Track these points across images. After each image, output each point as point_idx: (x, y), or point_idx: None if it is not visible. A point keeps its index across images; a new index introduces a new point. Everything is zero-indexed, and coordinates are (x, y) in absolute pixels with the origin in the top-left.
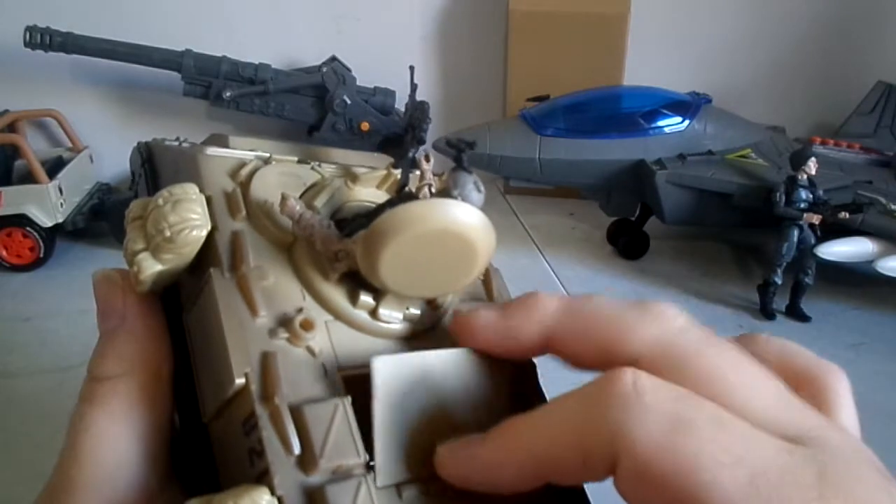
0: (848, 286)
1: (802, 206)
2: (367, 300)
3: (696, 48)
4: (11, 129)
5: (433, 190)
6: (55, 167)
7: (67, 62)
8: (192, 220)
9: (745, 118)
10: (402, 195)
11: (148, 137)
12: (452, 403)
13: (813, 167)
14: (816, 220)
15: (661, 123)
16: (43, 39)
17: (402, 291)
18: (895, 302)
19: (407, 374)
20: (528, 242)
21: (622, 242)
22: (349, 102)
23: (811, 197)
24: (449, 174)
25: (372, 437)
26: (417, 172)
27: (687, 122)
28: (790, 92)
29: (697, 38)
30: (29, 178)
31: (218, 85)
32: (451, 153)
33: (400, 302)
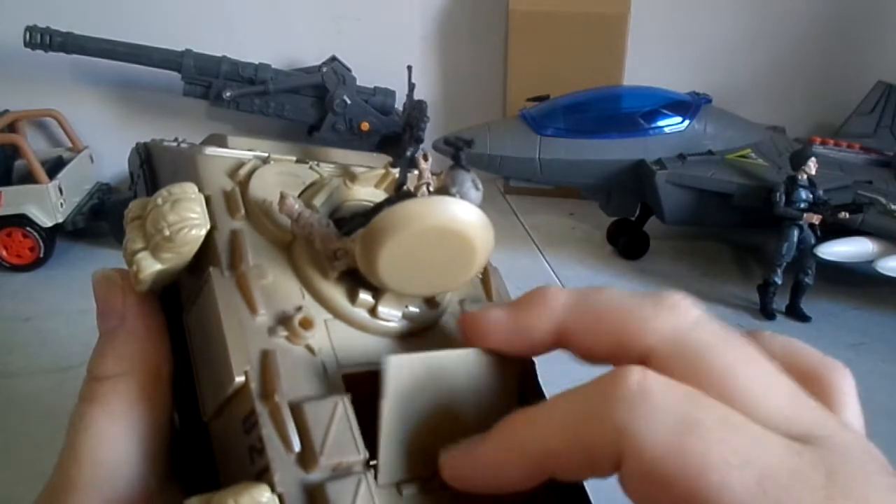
0: (848, 286)
1: (802, 206)
2: (366, 298)
3: (696, 48)
4: (11, 129)
5: (431, 189)
6: (55, 167)
7: (67, 62)
8: (191, 219)
9: (745, 118)
10: (400, 194)
11: (148, 137)
12: (459, 404)
13: (813, 167)
14: (816, 220)
15: (661, 123)
16: (43, 39)
17: (400, 289)
18: (895, 302)
19: (418, 373)
20: (528, 242)
21: (622, 242)
22: (349, 102)
23: (811, 197)
24: (447, 172)
25: (377, 435)
26: (416, 172)
27: (687, 122)
28: (790, 92)
29: (697, 38)
30: (29, 178)
31: (218, 85)
32: (449, 152)
33: (399, 300)
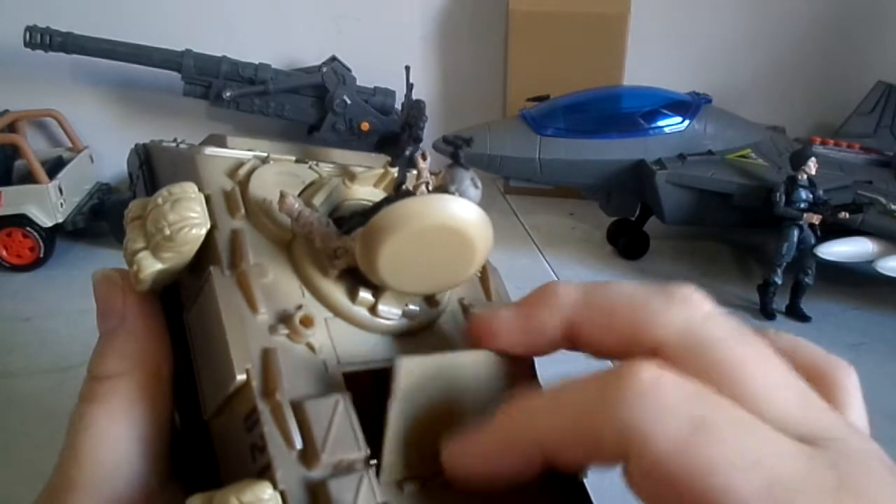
0: (848, 286)
1: (802, 206)
2: (366, 297)
3: (696, 48)
4: (11, 129)
5: (430, 188)
6: (55, 167)
7: (67, 62)
8: (191, 218)
9: (745, 118)
10: (399, 192)
11: (148, 137)
12: (466, 405)
13: (813, 167)
14: (816, 220)
15: (661, 123)
16: (43, 39)
17: (400, 287)
18: (895, 302)
19: (427, 375)
20: (528, 242)
21: (622, 242)
22: (349, 102)
23: (811, 197)
24: (446, 170)
25: (382, 433)
26: (415, 171)
27: (687, 122)
28: (790, 92)
29: (697, 38)
30: (29, 178)
31: (218, 85)
32: (448, 151)
33: (399, 298)
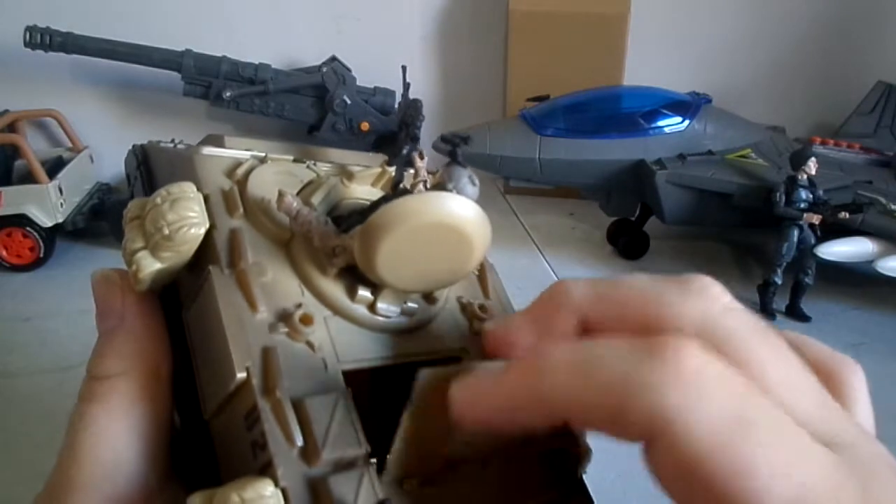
0: (848, 286)
1: (802, 206)
2: (364, 295)
3: (696, 48)
4: (11, 129)
5: (427, 186)
6: (55, 167)
7: (67, 62)
8: (190, 217)
9: (745, 118)
10: (397, 191)
11: (148, 137)
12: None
13: (813, 167)
14: (816, 220)
15: (661, 123)
16: (43, 39)
17: (398, 285)
18: (895, 302)
19: (447, 387)
20: (528, 242)
21: (622, 242)
22: (349, 102)
23: (811, 197)
24: (443, 168)
25: (392, 435)
26: (412, 171)
27: (687, 122)
28: (790, 92)
29: (697, 38)
30: (29, 178)
31: (218, 85)
32: (446, 149)
33: (397, 296)
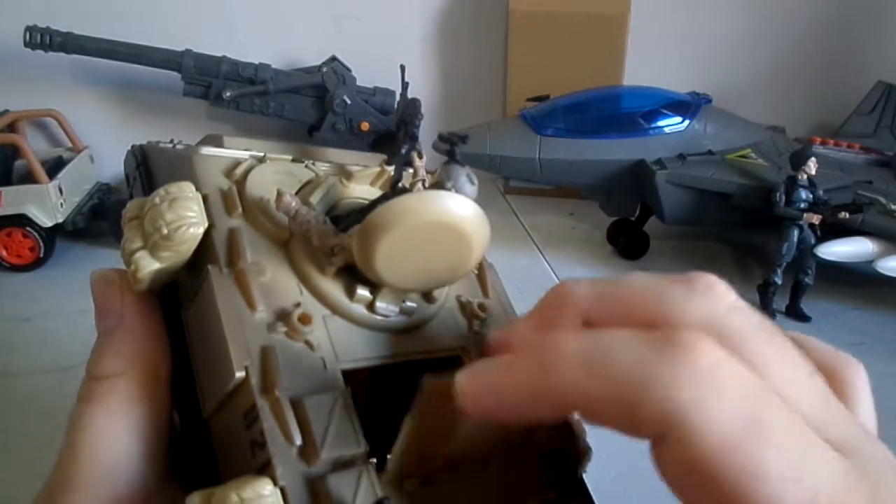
0: (848, 286)
1: (802, 206)
2: (363, 294)
3: (696, 48)
4: (11, 129)
5: (426, 185)
6: (55, 167)
7: (67, 62)
8: (188, 217)
9: (745, 118)
10: (395, 190)
11: (148, 137)
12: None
13: (813, 167)
14: (816, 220)
15: (661, 123)
16: (43, 39)
17: (397, 284)
18: (895, 302)
19: (451, 394)
20: (528, 242)
21: (622, 242)
22: (349, 102)
23: (811, 197)
24: (442, 167)
25: (394, 437)
26: (411, 170)
27: (687, 122)
28: (790, 92)
29: (697, 38)
30: (29, 178)
31: (218, 85)
32: (444, 148)
33: (396, 295)
